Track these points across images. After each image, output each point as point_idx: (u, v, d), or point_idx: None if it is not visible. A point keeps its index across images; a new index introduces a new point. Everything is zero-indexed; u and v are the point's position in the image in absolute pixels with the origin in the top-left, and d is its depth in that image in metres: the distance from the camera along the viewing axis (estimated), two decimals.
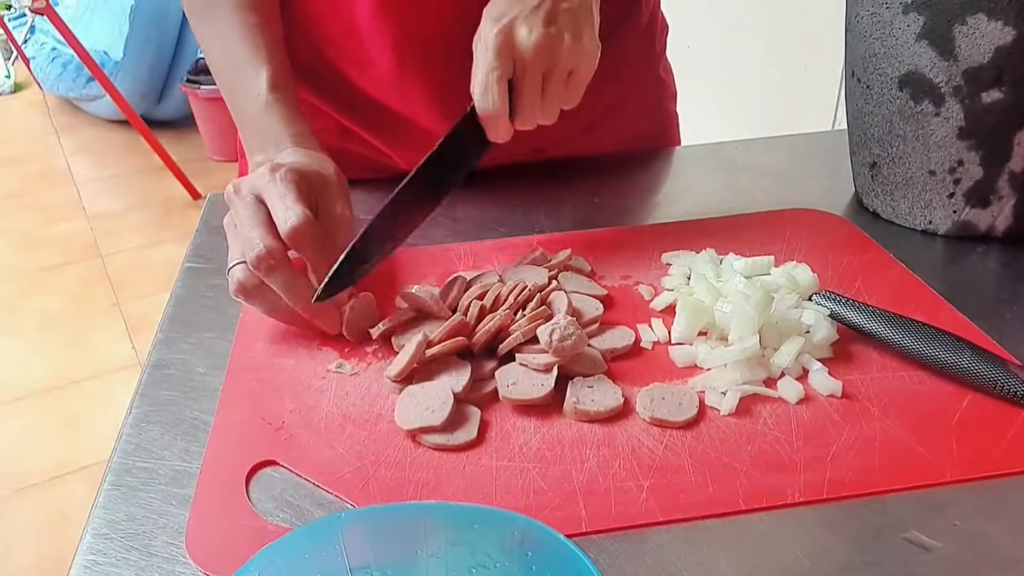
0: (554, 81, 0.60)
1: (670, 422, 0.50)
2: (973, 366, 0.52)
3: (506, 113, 0.59)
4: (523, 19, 0.58)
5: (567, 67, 0.59)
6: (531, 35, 0.57)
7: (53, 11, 2.90)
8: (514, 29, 0.58)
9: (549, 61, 0.59)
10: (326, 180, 0.62)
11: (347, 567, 0.38)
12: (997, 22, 0.61)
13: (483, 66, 0.58)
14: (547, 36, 0.58)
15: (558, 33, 0.58)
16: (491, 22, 0.58)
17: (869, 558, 0.42)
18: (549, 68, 0.59)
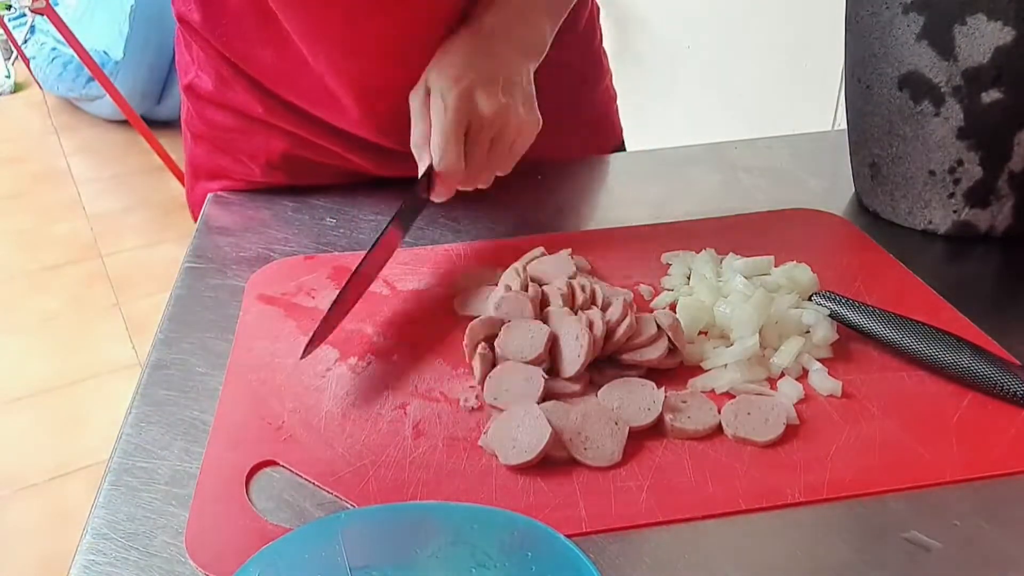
0: (500, 147, 0.64)
1: (755, 441, 0.49)
2: (973, 366, 0.52)
3: (462, 166, 0.62)
4: (481, 86, 0.62)
5: (512, 137, 0.64)
6: (489, 102, 0.62)
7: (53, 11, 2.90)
8: (473, 93, 0.62)
9: (500, 128, 0.63)
10: None
11: (347, 567, 0.38)
12: (997, 22, 0.61)
13: (443, 125, 0.61)
14: (503, 106, 0.62)
15: (512, 104, 0.63)
16: (449, 82, 0.62)
17: (869, 558, 0.42)
18: (498, 135, 0.63)
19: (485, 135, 0.63)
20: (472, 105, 0.62)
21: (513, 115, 0.63)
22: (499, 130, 0.63)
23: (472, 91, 0.62)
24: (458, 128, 0.61)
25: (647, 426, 0.50)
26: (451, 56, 0.64)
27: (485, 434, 0.50)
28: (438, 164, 0.62)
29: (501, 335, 0.55)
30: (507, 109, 0.63)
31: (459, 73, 0.62)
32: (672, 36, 2.18)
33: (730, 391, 0.53)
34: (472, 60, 0.63)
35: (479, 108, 0.62)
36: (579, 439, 0.48)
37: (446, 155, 0.61)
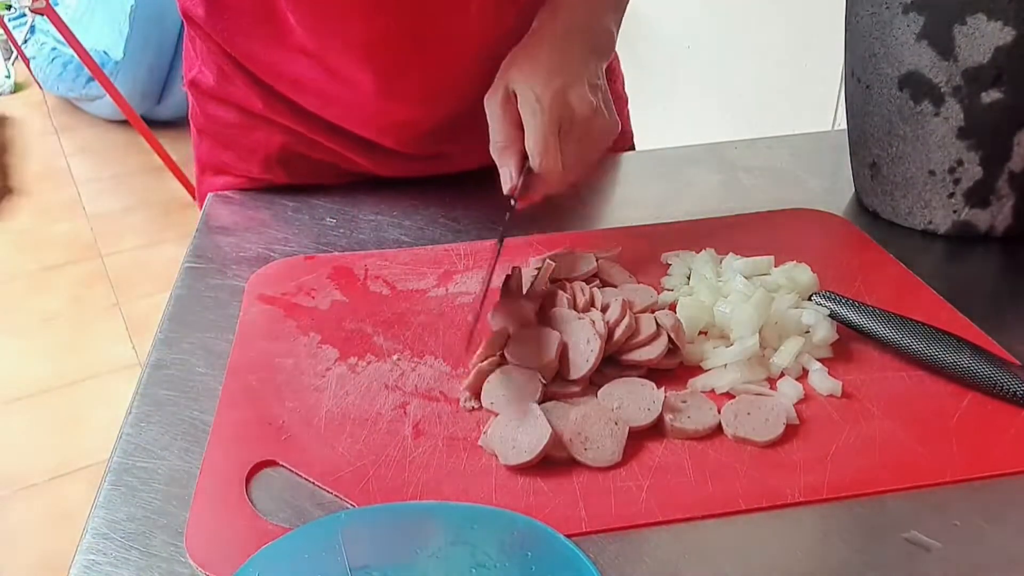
0: (588, 146, 0.64)
1: (755, 441, 0.49)
2: (973, 366, 0.52)
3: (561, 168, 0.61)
4: (572, 86, 0.62)
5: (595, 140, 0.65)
6: (581, 102, 0.62)
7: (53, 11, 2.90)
8: (567, 94, 0.61)
9: (588, 127, 0.63)
10: None
11: (347, 567, 0.38)
12: (997, 22, 0.61)
13: (541, 126, 0.60)
14: (594, 105, 0.62)
15: (599, 107, 0.63)
16: (541, 83, 0.61)
17: (869, 558, 0.42)
18: (585, 133, 0.63)
19: (575, 135, 0.62)
20: (566, 105, 0.61)
21: (600, 115, 0.63)
22: (586, 130, 0.63)
23: (565, 91, 0.61)
24: (555, 128, 0.61)
25: (647, 426, 0.50)
26: (533, 58, 0.64)
27: (485, 434, 0.50)
28: (538, 165, 0.61)
29: (511, 343, 0.55)
30: (594, 113, 0.63)
31: (549, 74, 0.62)
32: (672, 36, 2.18)
33: (730, 391, 0.53)
34: (556, 61, 0.63)
35: (572, 108, 0.62)
36: (579, 439, 0.48)
37: (547, 156, 0.60)
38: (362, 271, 0.68)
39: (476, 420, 0.52)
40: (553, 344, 0.54)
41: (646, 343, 0.55)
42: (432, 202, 0.80)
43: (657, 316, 0.56)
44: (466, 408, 0.53)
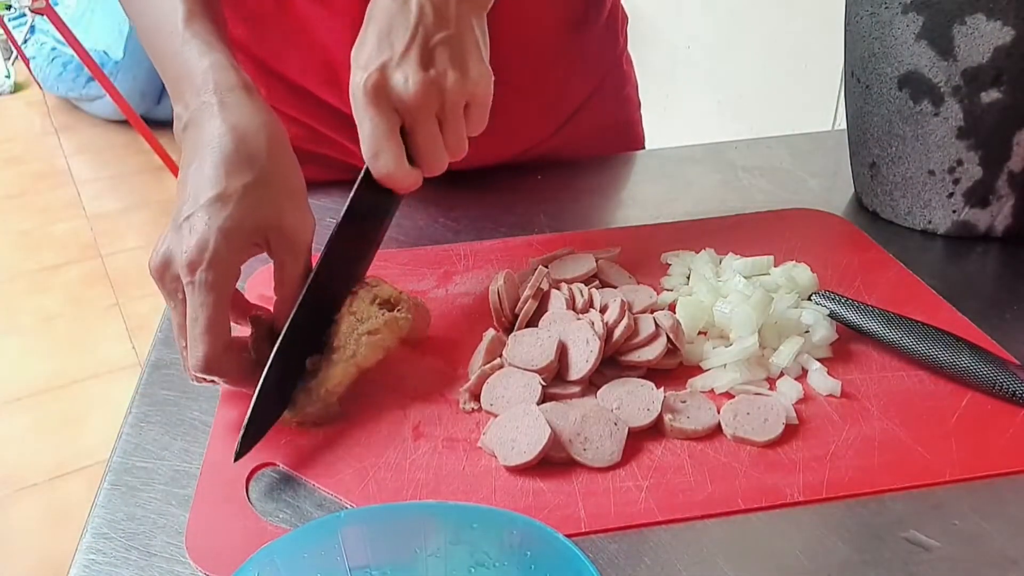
0: (451, 122, 0.54)
1: (754, 441, 0.49)
2: (972, 366, 0.52)
3: (404, 167, 0.54)
4: (396, 66, 0.52)
5: (460, 104, 0.54)
6: (409, 83, 0.52)
7: (53, 11, 2.90)
8: (388, 77, 0.52)
9: (438, 102, 0.53)
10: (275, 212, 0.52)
11: (346, 567, 0.38)
12: (996, 22, 0.61)
13: (366, 125, 0.53)
14: (426, 81, 0.52)
15: (439, 74, 0.53)
16: (359, 71, 0.52)
17: (868, 557, 0.42)
18: (440, 110, 0.54)
19: (424, 118, 0.53)
20: (386, 92, 0.52)
21: (447, 83, 0.53)
22: (439, 106, 0.53)
23: (384, 75, 0.52)
24: (383, 123, 0.52)
25: (646, 426, 0.50)
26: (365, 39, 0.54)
27: (484, 435, 0.50)
28: (375, 173, 0.54)
29: (509, 344, 0.55)
30: (434, 81, 0.52)
31: (369, 58, 0.52)
32: (672, 36, 2.18)
33: (729, 391, 0.53)
34: (384, 36, 0.53)
35: (397, 93, 0.52)
36: (578, 440, 0.48)
37: (375, 160, 0.53)
38: None
39: (475, 421, 0.52)
40: (552, 345, 0.54)
41: (645, 343, 0.55)
42: (432, 202, 0.80)
43: (656, 316, 0.56)
44: (465, 409, 0.53)
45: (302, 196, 0.54)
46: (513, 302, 0.59)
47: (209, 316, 0.49)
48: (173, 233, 0.51)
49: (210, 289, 0.49)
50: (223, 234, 0.49)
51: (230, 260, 0.50)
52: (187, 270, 0.49)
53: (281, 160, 0.53)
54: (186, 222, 0.51)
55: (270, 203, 0.52)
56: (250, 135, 0.52)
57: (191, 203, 0.51)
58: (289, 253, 0.53)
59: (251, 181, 0.51)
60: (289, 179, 0.54)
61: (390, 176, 0.54)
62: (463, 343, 0.58)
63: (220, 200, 0.50)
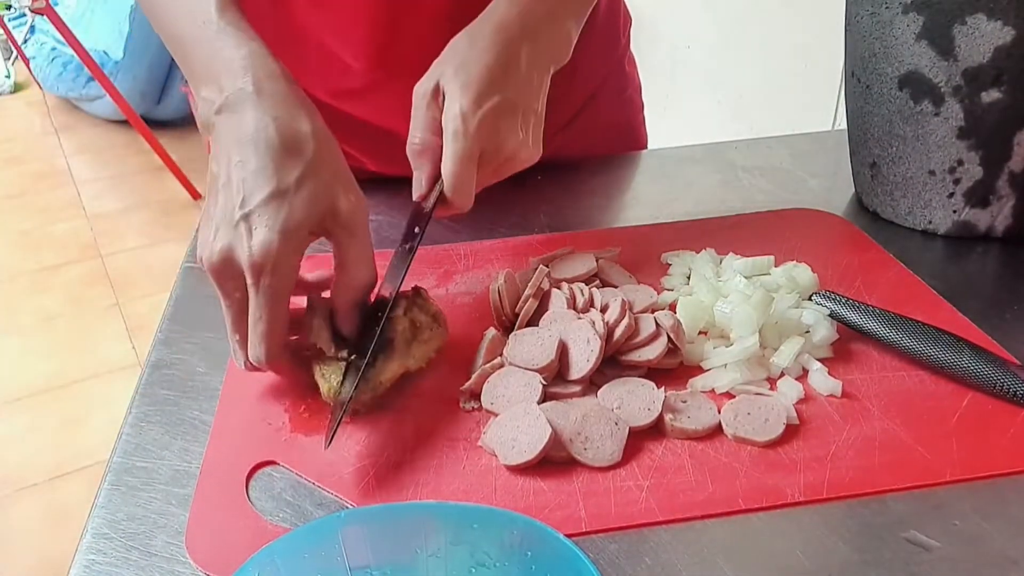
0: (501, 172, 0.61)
1: (755, 441, 0.49)
2: (973, 366, 0.52)
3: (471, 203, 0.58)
4: (504, 115, 0.57)
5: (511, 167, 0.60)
6: (510, 136, 0.57)
7: (53, 11, 2.90)
8: (497, 123, 0.57)
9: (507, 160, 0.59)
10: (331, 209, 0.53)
11: (346, 567, 0.38)
12: (996, 22, 0.61)
13: (462, 153, 0.56)
14: (520, 142, 0.58)
15: (526, 139, 0.59)
16: (471, 103, 0.56)
17: (868, 558, 0.42)
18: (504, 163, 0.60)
19: (495, 164, 0.59)
20: (493, 133, 0.57)
21: (524, 150, 0.59)
22: (508, 160, 0.59)
23: (496, 118, 0.57)
24: (475, 155, 0.56)
25: (647, 426, 0.50)
26: (474, 60, 0.57)
27: (485, 434, 0.50)
28: (450, 192, 0.57)
29: (510, 344, 0.55)
30: (522, 144, 0.59)
31: (482, 92, 0.56)
32: (672, 36, 2.18)
33: (730, 391, 0.53)
34: (498, 73, 0.57)
35: (498, 140, 0.57)
36: (579, 439, 0.48)
37: (462, 187, 0.56)
38: None
39: (476, 420, 0.52)
40: (553, 344, 0.54)
41: (646, 343, 0.55)
42: None
43: (657, 316, 0.56)
44: (466, 408, 0.53)
45: (350, 178, 0.55)
46: (514, 301, 0.59)
47: (271, 319, 0.51)
48: (230, 230, 0.51)
49: (274, 293, 0.50)
50: (284, 236, 0.50)
51: (292, 262, 0.51)
52: (252, 273, 0.50)
53: (326, 146, 0.54)
54: (243, 221, 0.50)
55: (324, 192, 0.52)
56: (294, 125, 0.53)
57: (247, 200, 0.50)
58: (348, 235, 0.53)
59: (302, 173, 0.52)
60: (336, 163, 0.54)
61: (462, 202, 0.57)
62: (463, 342, 0.58)
63: (276, 198, 0.50)
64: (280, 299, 0.51)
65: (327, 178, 0.53)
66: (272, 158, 0.51)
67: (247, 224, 0.50)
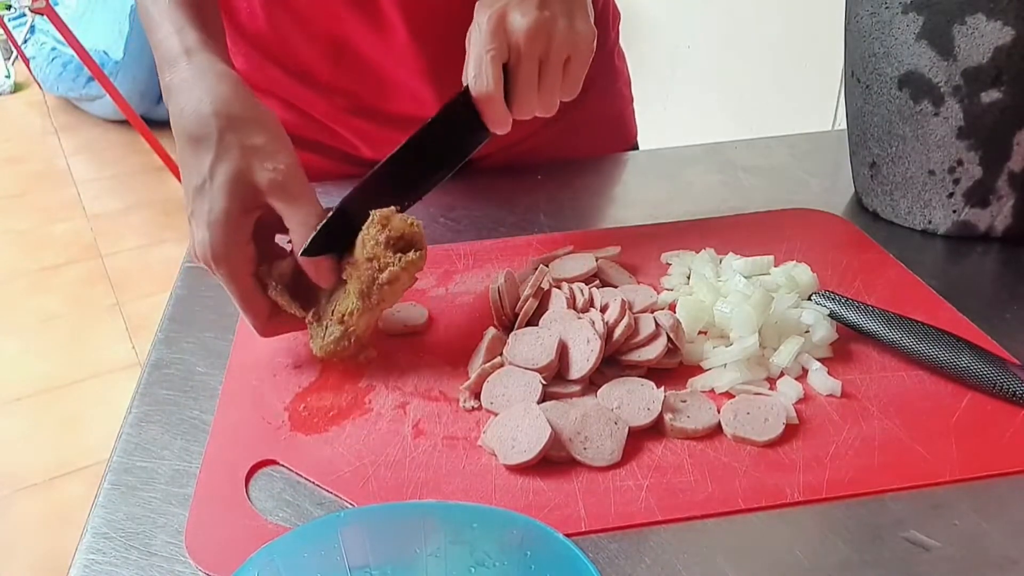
0: (551, 68, 0.58)
1: (754, 441, 0.49)
2: (972, 366, 0.52)
3: (501, 96, 0.57)
4: (516, 4, 0.57)
5: (563, 53, 0.58)
6: (524, 18, 0.56)
7: (53, 11, 2.90)
8: (507, 13, 0.57)
9: (544, 45, 0.57)
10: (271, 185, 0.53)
11: (346, 566, 0.38)
12: (996, 22, 0.61)
13: (476, 48, 0.57)
14: (540, 19, 0.57)
15: (552, 17, 0.57)
16: (484, 8, 0.57)
17: (868, 557, 0.42)
18: (544, 53, 0.58)
19: (529, 55, 0.57)
20: (504, 25, 0.57)
21: (557, 28, 0.57)
22: (544, 49, 0.58)
23: (505, 11, 0.57)
24: (492, 49, 0.56)
25: (647, 426, 0.50)
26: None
27: (485, 434, 0.50)
28: (473, 88, 0.57)
29: (509, 343, 0.55)
30: (547, 22, 0.57)
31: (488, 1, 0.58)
32: (672, 36, 2.18)
33: (730, 391, 0.53)
34: None
35: (513, 27, 0.57)
36: (579, 439, 0.48)
37: (476, 79, 0.57)
38: None
39: (476, 420, 0.52)
40: (553, 344, 0.54)
41: (645, 343, 0.55)
42: (432, 202, 0.79)
43: (656, 316, 0.56)
44: (466, 408, 0.53)
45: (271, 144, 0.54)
46: (513, 301, 0.59)
47: (240, 299, 0.54)
48: (190, 231, 0.55)
49: (230, 279, 0.54)
50: (215, 228, 0.52)
51: (234, 246, 0.53)
52: (208, 267, 0.54)
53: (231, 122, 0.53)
54: (191, 219, 0.54)
55: (238, 172, 0.53)
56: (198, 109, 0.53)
57: (187, 202, 0.54)
58: (283, 201, 0.53)
59: (212, 161, 0.53)
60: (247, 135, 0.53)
61: (488, 95, 0.57)
62: (463, 342, 0.58)
63: (199, 194, 0.53)
64: (238, 281, 0.54)
65: (237, 157, 0.53)
66: (189, 152, 0.54)
67: (192, 221, 0.54)
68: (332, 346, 0.54)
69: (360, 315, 0.54)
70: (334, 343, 0.54)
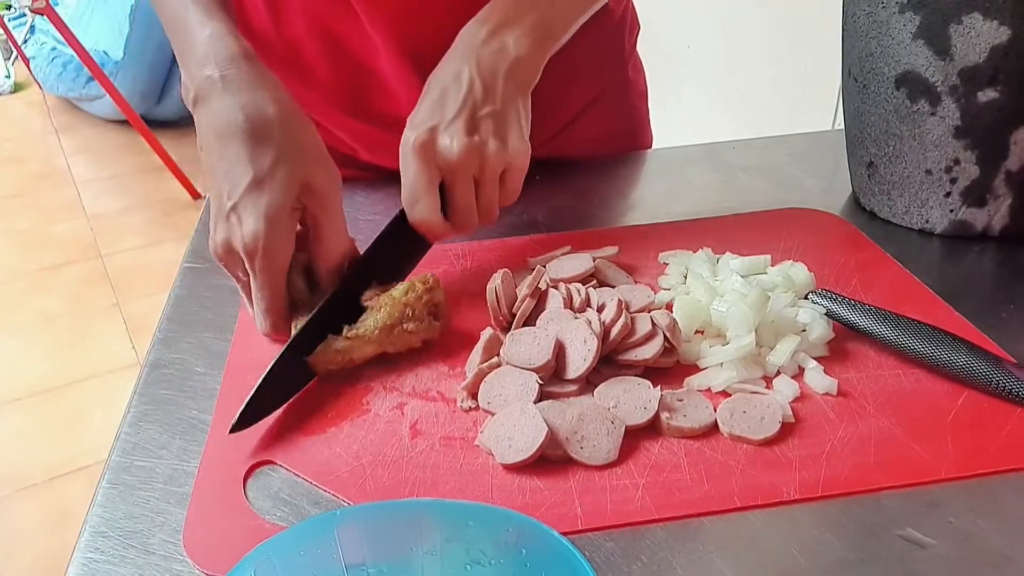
0: (487, 185, 0.60)
1: (750, 439, 0.49)
2: (969, 364, 0.52)
3: (439, 220, 0.60)
4: (444, 129, 0.58)
5: (497, 170, 0.60)
6: (453, 145, 0.58)
7: (53, 11, 2.90)
8: (435, 139, 0.58)
9: (478, 167, 0.59)
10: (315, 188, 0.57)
11: (342, 565, 0.38)
12: (993, 21, 0.61)
13: (410, 175, 0.59)
14: (469, 146, 0.58)
15: (482, 142, 0.59)
16: (410, 133, 0.59)
17: (864, 555, 0.42)
18: (479, 173, 0.59)
19: (463, 179, 0.59)
20: (433, 152, 0.58)
21: (488, 151, 0.59)
22: (479, 170, 0.59)
23: (432, 138, 0.58)
24: (423, 178, 0.58)
25: (643, 425, 0.50)
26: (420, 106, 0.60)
27: (482, 433, 0.50)
28: (410, 217, 0.60)
29: (507, 343, 0.55)
30: (477, 148, 0.59)
31: (421, 122, 0.59)
32: (672, 36, 2.18)
33: (726, 390, 0.53)
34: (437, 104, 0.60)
35: (443, 153, 0.58)
36: (575, 438, 0.49)
37: (412, 207, 0.59)
38: None
39: (473, 419, 0.52)
40: (550, 344, 0.54)
41: (642, 342, 0.55)
42: None
43: (653, 315, 0.56)
44: (463, 407, 0.53)
45: (322, 152, 0.59)
46: (511, 301, 0.59)
47: (270, 295, 0.56)
48: (224, 223, 0.56)
49: (267, 274, 0.56)
50: (268, 221, 0.54)
51: (281, 242, 0.56)
52: (247, 259, 0.56)
53: (296, 124, 0.58)
54: (232, 212, 0.55)
55: (297, 171, 0.56)
56: (261, 110, 0.57)
57: (232, 192, 0.55)
58: (322, 210, 0.58)
59: (274, 158, 0.56)
60: (306, 141, 0.58)
61: (424, 222, 0.60)
62: (461, 341, 0.58)
63: (255, 186, 0.55)
64: (274, 277, 0.56)
65: (299, 158, 0.56)
66: (246, 147, 0.55)
67: (236, 215, 0.55)
68: (327, 353, 0.55)
69: (368, 343, 0.55)
70: (333, 352, 0.55)
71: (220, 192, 0.56)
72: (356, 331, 0.55)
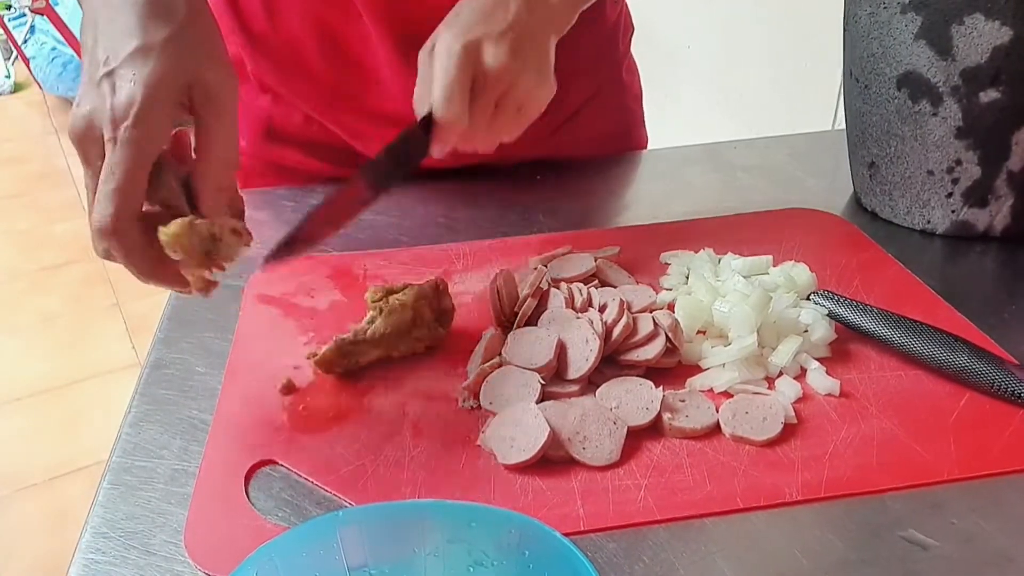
0: (505, 110, 0.59)
1: (752, 440, 0.49)
2: (971, 365, 0.52)
3: (467, 120, 0.57)
4: (491, 40, 0.57)
5: (519, 102, 0.59)
6: (496, 58, 0.56)
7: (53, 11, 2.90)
8: (481, 47, 0.57)
9: (506, 88, 0.58)
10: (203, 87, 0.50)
11: (345, 566, 0.38)
12: (994, 22, 0.61)
13: (447, 74, 0.56)
14: (511, 64, 0.57)
15: (523, 66, 0.58)
16: (457, 33, 0.56)
17: (866, 556, 0.42)
18: (503, 95, 0.58)
19: (490, 92, 0.57)
20: (478, 57, 0.56)
21: (523, 77, 0.58)
22: (506, 90, 0.58)
23: (480, 44, 0.56)
24: (462, 77, 0.56)
25: (645, 425, 0.50)
26: (464, 12, 0.58)
27: (483, 433, 0.50)
28: (439, 112, 0.56)
29: (508, 343, 0.55)
30: (516, 70, 0.57)
31: (469, 26, 0.57)
32: (671, 36, 2.18)
33: (728, 390, 0.53)
34: (485, 15, 0.58)
35: (485, 62, 0.56)
36: (577, 438, 0.48)
37: (449, 104, 0.56)
38: (361, 271, 0.68)
39: (475, 420, 0.52)
40: (552, 344, 0.54)
41: (644, 343, 0.55)
42: (431, 202, 0.80)
43: (655, 316, 0.56)
44: (465, 408, 0.53)
45: (223, 53, 0.52)
46: (512, 301, 0.59)
47: (126, 172, 0.46)
48: (92, 90, 0.47)
49: (134, 145, 0.46)
50: (149, 88, 0.46)
51: (158, 116, 0.47)
52: (111, 127, 0.46)
53: (199, 15, 0.52)
54: (106, 78, 0.47)
55: (191, 57, 0.49)
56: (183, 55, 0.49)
57: (111, 58, 0.48)
58: (214, 113, 0.50)
59: (171, 33, 0.49)
60: (209, 34, 0.51)
61: (453, 123, 0.56)
62: (462, 342, 0.58)
63: (143, 52, 0.47)
64: (138, 153, 0.46)
65: (197, 46, 0.50)
66: (142, 14, 0.48)
67: (110, 82, 0.47)
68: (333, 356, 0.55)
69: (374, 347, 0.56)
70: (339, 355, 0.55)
71: (95, 60, 0.48)
72: (363, 334, 0.55)
